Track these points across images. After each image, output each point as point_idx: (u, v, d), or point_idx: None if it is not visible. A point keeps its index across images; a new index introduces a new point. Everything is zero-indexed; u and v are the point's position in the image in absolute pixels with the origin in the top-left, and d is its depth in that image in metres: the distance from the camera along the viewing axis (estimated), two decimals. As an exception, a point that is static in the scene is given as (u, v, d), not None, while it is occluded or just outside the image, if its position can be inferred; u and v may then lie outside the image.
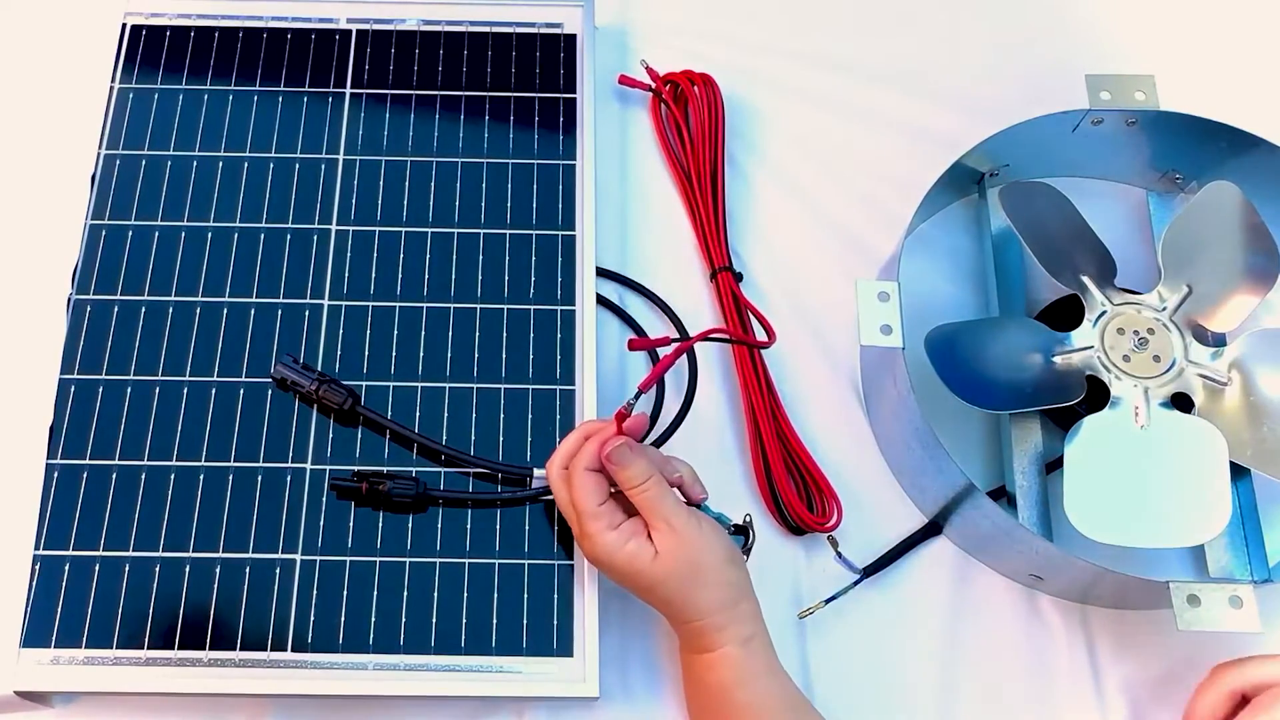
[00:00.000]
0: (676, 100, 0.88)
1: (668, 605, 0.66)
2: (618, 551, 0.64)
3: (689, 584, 0.65)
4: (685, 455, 0.69)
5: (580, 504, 0.65)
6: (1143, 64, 0.83)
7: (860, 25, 0.94)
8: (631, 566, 0.64)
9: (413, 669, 0.69)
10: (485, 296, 0.78)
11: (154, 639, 0.69)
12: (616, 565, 0.65)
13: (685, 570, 0.64)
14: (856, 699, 0.72)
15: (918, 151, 0.85)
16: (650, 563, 0.64)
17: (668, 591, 0.65)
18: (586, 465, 0.65)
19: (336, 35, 0.86)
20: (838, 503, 0.76)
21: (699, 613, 0.65)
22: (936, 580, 0.76)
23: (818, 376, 0.81)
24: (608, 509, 0.65)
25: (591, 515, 0.65)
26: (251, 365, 0.75)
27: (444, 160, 0.82)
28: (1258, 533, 0.75)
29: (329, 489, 0.72)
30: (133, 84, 0.84)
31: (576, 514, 0.65)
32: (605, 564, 0.66)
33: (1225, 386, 0.74)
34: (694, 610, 0.65)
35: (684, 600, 0.65)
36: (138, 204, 0.80)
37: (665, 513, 0.65)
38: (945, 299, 0.83)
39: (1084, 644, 0.74)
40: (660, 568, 0.64)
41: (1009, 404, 0.75)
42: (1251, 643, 0.69)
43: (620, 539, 0.64)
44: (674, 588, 0.65)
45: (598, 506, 0.65)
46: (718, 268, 0.82)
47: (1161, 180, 0.86)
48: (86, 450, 0.73)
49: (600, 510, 0.65)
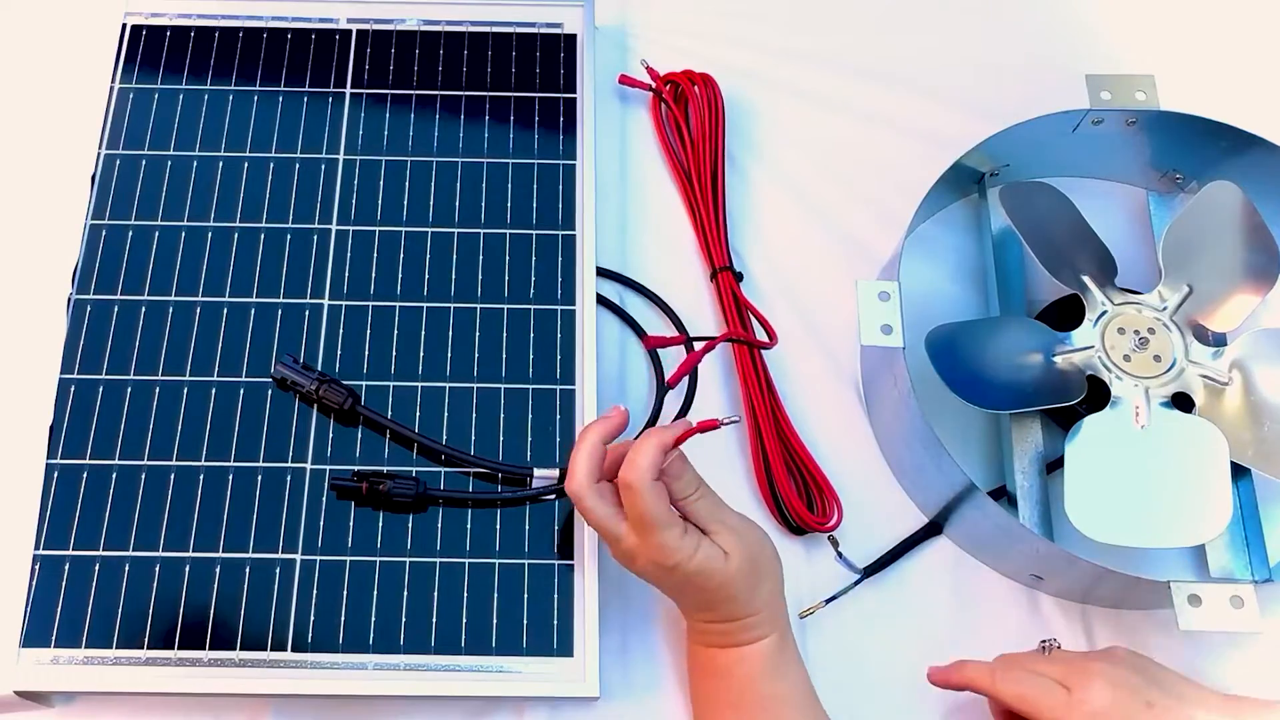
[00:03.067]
0: (677, 100, 0.88)
1: (731, 604, 0.65)
2: (692, 558, 0.63)
3: (753, 579, 0.65)
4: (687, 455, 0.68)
5: (657, 515, 0.62)
6: (1143, 64, 0.83)
7: (861, 25, 0.94)
8: (704, 570, 0.63)
9: (413, 669, 0.69)
10: (485, 296, 0.78)
11: (154, 639, 0.69)
12: (688, 571, 0.63)
13: (749, 567, 0.65)
14: (856, 699, 0.72)
15: (918, 151, 0.85)
16: (725, 565, 0.64)
17: (736, 589, 0.65)
18: (653, 476, 0.62)
19: (336, 35, 0.86)
20: (838, 502, 0.76)
21: (757, 606, 0.66)
22: (936, 580, 0.76)
23: (818, 376, 0.81)
24: (677, 516, 0.64)
25: (667, 524, 0.63)
26: (251, 365, 0.75)
27: (444, 160, 0.82)
28: (1258, 532, 0.75)
29: (329, 489, 0.72)
30: (133, 84, 0.84)
31: (645, 526, 0.63)
32: (671, 571, 0.64)
33: (1226, 386, 0.74)
34: (755, 604, 0.65)
35: (748, 596, 0.65)
36: (138, 204, 0.80)
37: (721, 515, 0.65)
38: (945, 299, 0.83)
39: (1084, 644, 0.74)
40: (733, 567, 0.64)
41: (1009, 404, 0.74)
42: (1252, 642, 0.69)
43: (693, 544, 0.63)
44: (742, 585, 0.65)
45: (670, 514, 0.63)
46: (718, 267, 0.82)
47: (1162, 180, 0.86)
48: (86, 450, 0.73)
49: (674, 518, 0.63)
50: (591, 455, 0.64)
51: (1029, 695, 0.65)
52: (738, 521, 0.66)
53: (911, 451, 0.75)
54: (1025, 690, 0.65)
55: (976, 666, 0.68)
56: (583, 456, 0.64)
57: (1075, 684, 0.64)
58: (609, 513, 0.64)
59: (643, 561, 0.64)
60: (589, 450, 0.64)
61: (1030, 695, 0.65)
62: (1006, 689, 0.66)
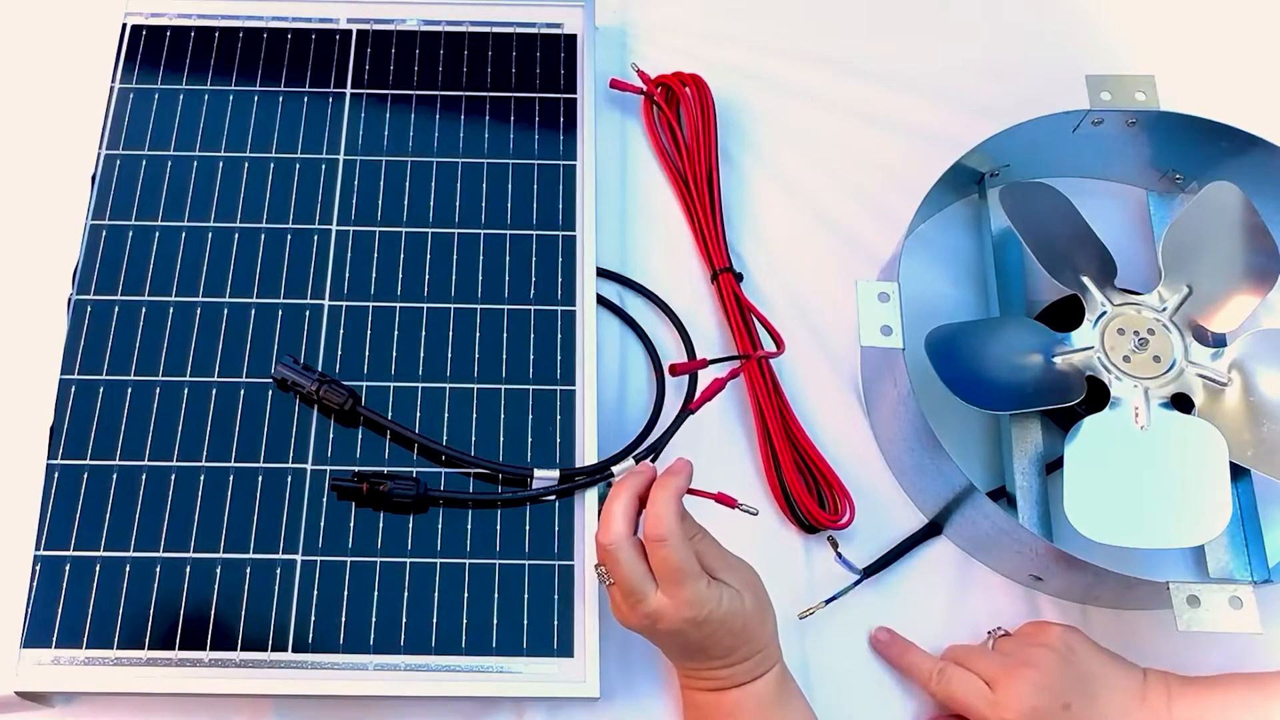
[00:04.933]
0: (669, 102, 0.88)
1: (751, 643, 0.64)
2: (720, 604, 0.61)
3: (763, 612, 0.64)
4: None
5: (690, 568, 0.61)
6: (1143, 64, 0.83)
7: (861, 25, 0.94)
8: (732, 614, 0.62)
9: (413, 669, 0.69)
10: (485, 297, 0.78)
11: (154, 639, 0.69)
12: (718, 618, 0.62)
13: (758, 602, 0.64)
14: (856, 699, 0.72)
15: (918, 151, 0.85)
16: (744, 605, 0.62)
17: (755, 627, 0.63)
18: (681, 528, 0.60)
19: (337, 35, 0.86)
20: (849, 499, 0.76)
21: (766, 639, 0.65)
22: (936, 580, 0.76)
23: (818, 377, 0.81)
24: (699, 566, 0.62)
25: (697, 575, 0.61)
26: (252, 365, 0.75)
27: (444, 160, 0.82)
28: (1258, 533, 0.75)
29: (329, 489, 0.72)
30: (133, 84, 0.84)
31: (678, 580, 0.60)
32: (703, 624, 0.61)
33: (1225, 387, 0.74)
34: (764, 638, 0.65)
35: (760, 631, 0.64)
36: (138, 204, 0.80)
37: (723, 555, 0.64)
38: (945, 299, 0.83)
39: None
40: (749, 605, 0.63)
41: (1009, 404, 0.75)
42: (1252, 643, 0.70)
43: (717, 591, 0.62)
44: (756, 621, 0.64)
45: (697, 565, 0.61)
46: (718, 269, 0.82)
47: (1161, 180, 0.86)
48: (87, 450, 0.73)
49: (700, 568, 0.61)
50: (630, 506, 0.62)
51: (957, 696, 0.68)
52: (734, 559, 0.65)
53: (911, 452, 0.75)
54: (954, 691, 0.68)
55: (921, 660, 0.70)
56: (620, 507, 0.62)
57: (999, 686, 0.67)
58: (643, 570, 0.61)
59: (670, 620, 0.61)
60: (627, 501, 0.62)
61: (958, 696, 0.68)
62: (939, 689, 0.69)
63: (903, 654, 0.72)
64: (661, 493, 0.61)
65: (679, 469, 0.63)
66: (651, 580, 0.61)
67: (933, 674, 0.70)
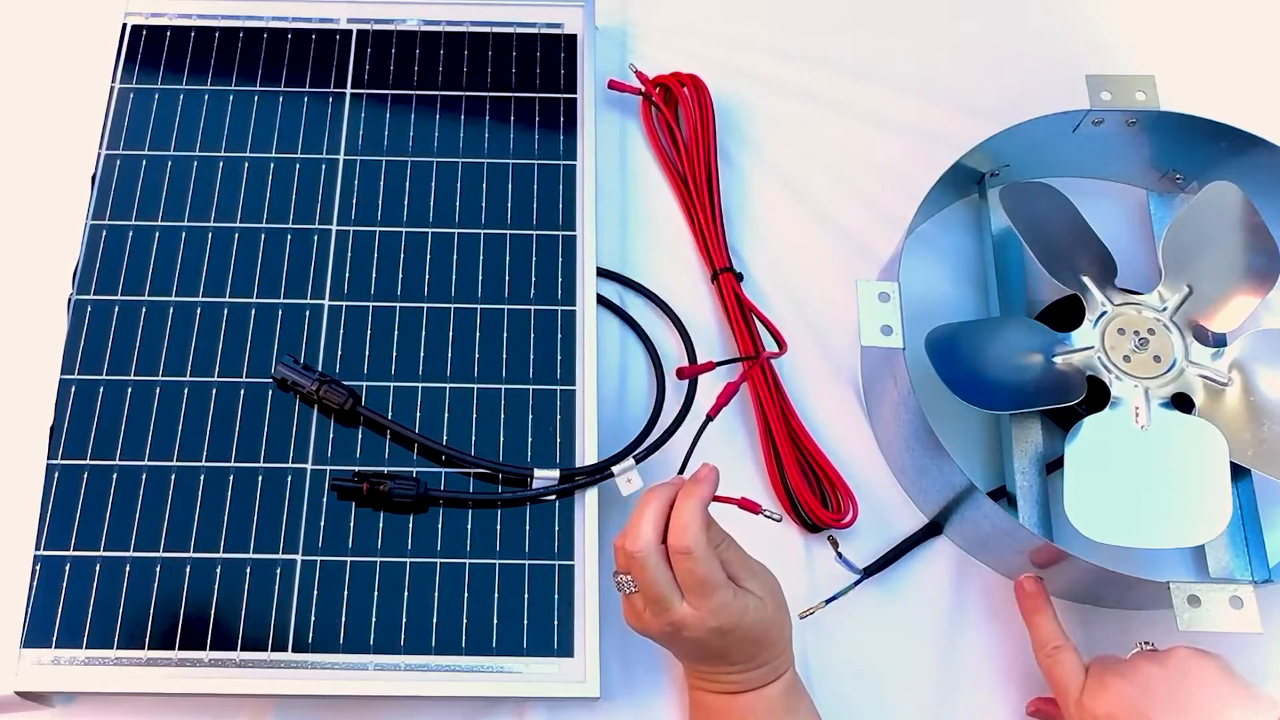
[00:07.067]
0: (667, 102, 0.88)
1: (773, 648, 0.63)
2: (746, 612, 0.61)
3: (783, 616, 0.64)
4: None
5: (717, 578, 0.60)
6: (1143, 64, 0.83)
7: (861, 26, 0.94)
8: (758, 621, 0.61)
9: (413, 669, 0.69)
10: (486, 297, 0.78)
11: (155, 639, 0.69)
12: (745, 626, 0.61)
13: (778, 608, 0.64)
14: (856, 699, 0.72)
15: (918, 151, 0.85)
16: (767, 611, 0.62)
17: (777, 632, 0.63)
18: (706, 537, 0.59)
19: (337, 35, 0.86)
20: (853, 498, 0.76)
21: (784, 645, 0.65)
22: (936, 580, 0.76)
23: (818, 377, 0.81)
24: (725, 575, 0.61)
25: (723, 585, 0.60)
26: (252, 365, 0.75)
27: (444, 160, 0.82)
28: (1258, 533, 0.75)
29: (329, 489, 0.72)
30: (133, 84, 0.84)
31: (705, 591, 0.59)
32: (729, 633, 0.61)
33: (1226, 387, 0.74)
34: (783, 643, 0.64)
35: (780, 635, 0.64)
36: (138, 204, 0.80)
37: (746, 561, 0.63)
38: (945, 299, 0.83)
39: (1083, 644, 0.74)
40: (771, 611, 0.62)
41: (1009, 404, 0.75)
42: (1252, 643, 0.69)
43: (743, 599, 0.61)
44: (776, 625, 0.63)
45: (723, 575, 0.60)
46: (719, 269, 0.82)
47: (1161, 180, 0.86)
48: (87, 450, 0.73)
49: (725, 578, 0.60)
50: (660, 515, 0.60)
51: (1057, 676, 0.67)
52: (756, 564, 0.64)
53: (911, 452, 0.75)
54: (1057, 671, 0.67)
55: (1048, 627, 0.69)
56: (650, 514, 0.60)
57: (1090, 684, 0.65)
58: (669, 579, 0.60)
59: (695, 629, 0.61)
60: (657, 509, 0.60)
61: (1058, 676, 0.67)
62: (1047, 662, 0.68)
63: (1035, 611, 0.69)
64: (687, 502, 0.60)
65: (704, 476, 0.62)
66: (677, 589, 0.60)
67: (1048, 646, 0.68)
